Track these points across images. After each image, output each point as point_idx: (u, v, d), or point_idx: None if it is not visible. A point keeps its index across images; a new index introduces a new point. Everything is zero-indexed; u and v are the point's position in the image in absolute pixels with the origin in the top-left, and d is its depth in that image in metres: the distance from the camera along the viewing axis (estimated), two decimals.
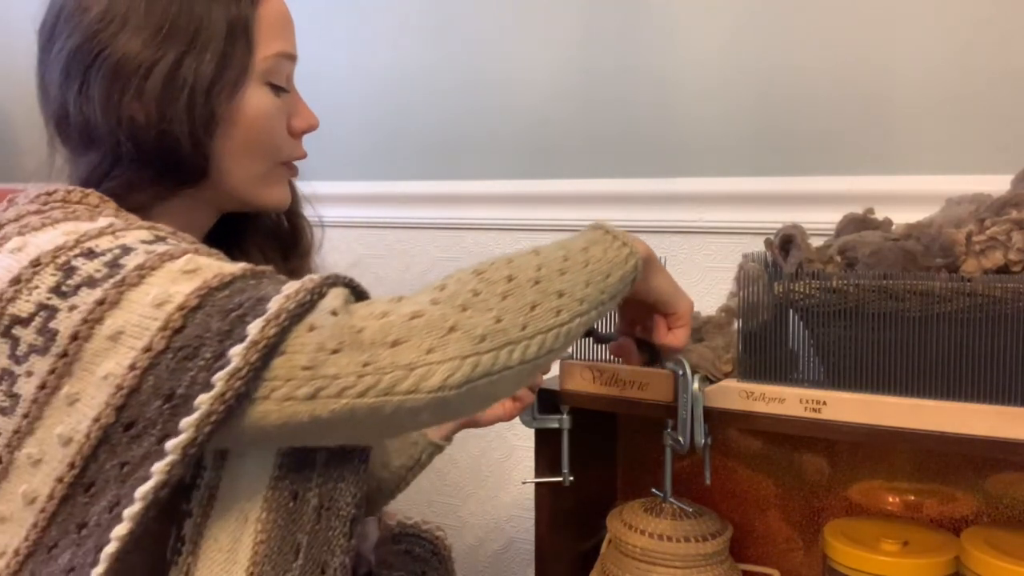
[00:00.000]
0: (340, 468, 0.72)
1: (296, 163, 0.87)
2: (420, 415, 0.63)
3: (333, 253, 1.01)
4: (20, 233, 0.69)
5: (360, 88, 1.49)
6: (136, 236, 0.68)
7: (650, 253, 0.80)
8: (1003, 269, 0.84)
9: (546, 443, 1.03)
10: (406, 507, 1.06)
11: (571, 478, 1.02)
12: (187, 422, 0.60)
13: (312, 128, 0.86)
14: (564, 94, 1.31)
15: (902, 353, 0.84)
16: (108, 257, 0.65)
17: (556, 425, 1.01)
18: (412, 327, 0.62)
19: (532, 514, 1.05)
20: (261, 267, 0.67)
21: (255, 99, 0.79)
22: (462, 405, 0.64)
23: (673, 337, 0.86)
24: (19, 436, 0.65)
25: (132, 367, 0.61)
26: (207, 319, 0.61)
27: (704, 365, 0.93)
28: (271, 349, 0.60)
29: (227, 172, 0.79)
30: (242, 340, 0.60)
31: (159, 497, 0.61)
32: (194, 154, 0.76)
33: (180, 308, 0.62)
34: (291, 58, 0.82)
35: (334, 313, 0.62)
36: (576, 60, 1.30)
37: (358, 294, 0.68)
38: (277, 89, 0.81)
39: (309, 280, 0.64)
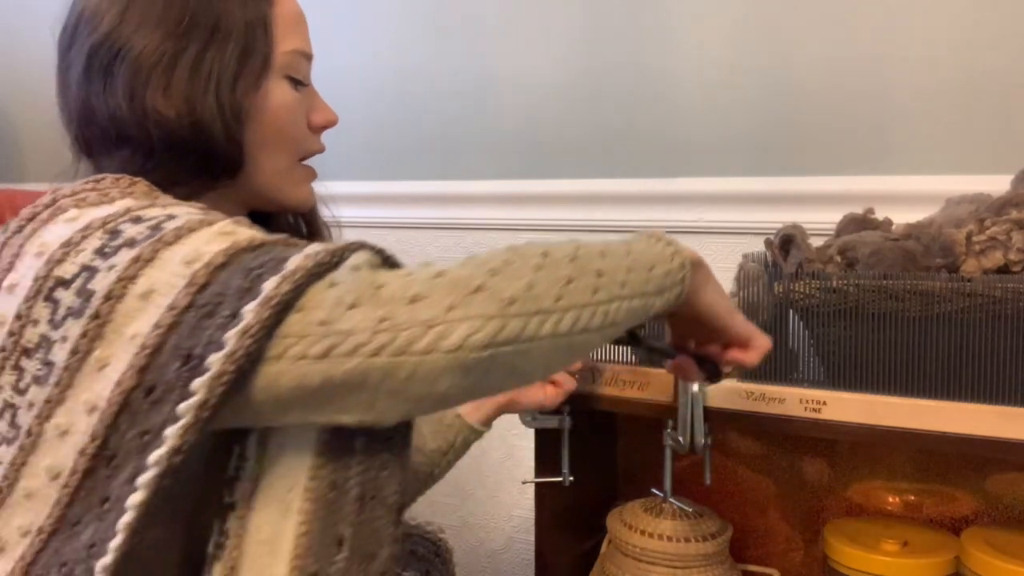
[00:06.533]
0: (380, 454, 0.68)
1: (308, 163, 0.87)
2: (438, 382, 0.59)
3: None
4: (77, 206, 0.70)
5: (361, 88, 1.49)
6: (185, 209, 0.68)
7: (701, 260, 0.73)
8: (1003, 269, 0.84)
9: (546, 443, 1.03)
10: None
11: (571, 478, 1.02)
12: (199, 383, 0.58)
13: (331, 123, 0.86)
14: (564, 94, 1.31)
15: (902, 353, 0.84)
16: (153, 222, 0.66)
17: (556, 425, 1.01)
18: (435, 284, 0.59)
19: (532, 514, 1.05)
20: (297, 239, 0.66)
21: (277, 92, 0.79)
22: (485, 374, 0.60)
23: (746, 356, 0.78)
24: (50, 406, 0.64)
25: (157, 325, 0.60)
26: (230, 277, 0.60)
27: None
28: (285, 306, 0.58)
29: (257, 166, 0.80)
30: (257, 297, 0.58)
31: (172, 464, 0.59)
32: (228, 145, 0.77)
33: (207, 265, 0.61)
34: (308, 56, 0.83)
35: (356, 268, 0.61)
36: (576, 60, 1.30)
37: (387, 261, 0.66)
38: (297, 83, 0.82)
39: (333, 244, 0.63)
